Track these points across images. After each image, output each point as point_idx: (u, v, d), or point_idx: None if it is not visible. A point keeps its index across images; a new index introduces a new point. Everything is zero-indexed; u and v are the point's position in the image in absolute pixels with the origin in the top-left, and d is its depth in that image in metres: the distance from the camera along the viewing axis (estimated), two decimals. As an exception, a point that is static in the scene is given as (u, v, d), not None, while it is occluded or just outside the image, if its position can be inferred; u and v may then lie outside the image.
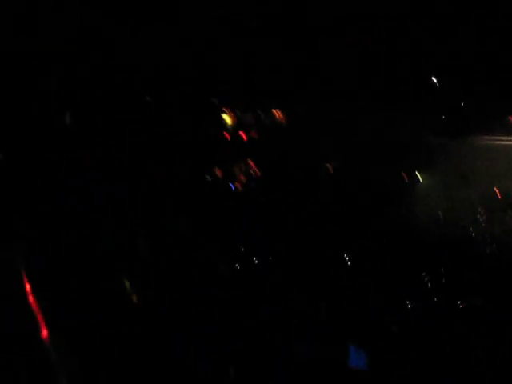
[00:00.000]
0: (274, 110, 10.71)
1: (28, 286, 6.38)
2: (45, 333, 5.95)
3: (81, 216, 7.81)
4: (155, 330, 6.88)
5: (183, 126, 9.68)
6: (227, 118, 10.60)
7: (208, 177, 9.63)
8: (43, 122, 8.19)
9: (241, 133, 10.55)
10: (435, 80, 10.25)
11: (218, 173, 9.92)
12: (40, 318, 6.15)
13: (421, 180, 10.73)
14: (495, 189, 9.92)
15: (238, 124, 10.75)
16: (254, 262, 8.49)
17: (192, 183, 9.22)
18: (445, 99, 10.59)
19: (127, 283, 7.15)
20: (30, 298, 6.32)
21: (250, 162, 10.16)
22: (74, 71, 8.30)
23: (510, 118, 10.33)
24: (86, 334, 6.75)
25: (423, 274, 8.29)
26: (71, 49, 8.04)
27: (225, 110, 10.43)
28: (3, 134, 7.99)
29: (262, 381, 6.56)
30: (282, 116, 10.72)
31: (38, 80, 8.00)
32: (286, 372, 6.58)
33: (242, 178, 10.10)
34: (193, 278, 7.67)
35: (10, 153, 8.06)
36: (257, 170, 10.04)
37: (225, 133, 10.31)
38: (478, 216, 9.74)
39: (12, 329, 6.00)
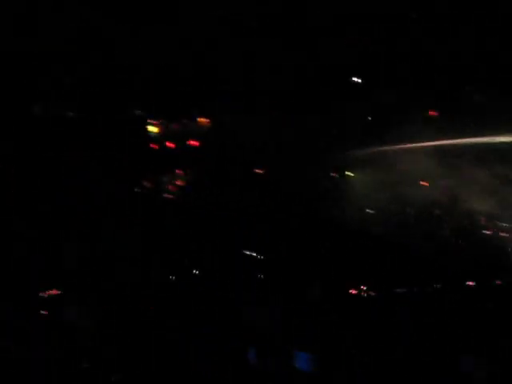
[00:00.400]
0: (199, 119, 10.67)
1: None
2: None
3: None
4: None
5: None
6: (153, 129, 10.47)
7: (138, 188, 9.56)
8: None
9: (168, 143, 10.46)
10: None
11: (147, 184, 9.82)
12: None
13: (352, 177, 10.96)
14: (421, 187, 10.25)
15: (165, 134, 10.65)
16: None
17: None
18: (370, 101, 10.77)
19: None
20: None
21: (179, 172, 10.13)
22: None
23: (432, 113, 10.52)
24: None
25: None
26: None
27: (150, 120, 10.33)
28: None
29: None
30: (206, 123, 10.68)
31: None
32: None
33: (171, 187, 10.03)
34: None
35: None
36: (185, 180, 9.98)
37: (152, 143, 10.20)
38: (407, 214, 9.99)
39: None
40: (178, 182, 10.03)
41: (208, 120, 10.83)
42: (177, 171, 10.01)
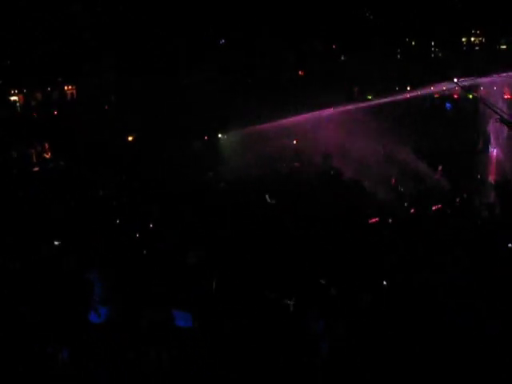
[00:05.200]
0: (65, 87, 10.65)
1: None
2: None
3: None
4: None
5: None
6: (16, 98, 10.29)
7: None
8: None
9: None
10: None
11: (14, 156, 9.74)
12: None
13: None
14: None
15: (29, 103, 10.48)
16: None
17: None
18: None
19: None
20: None
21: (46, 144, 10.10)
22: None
23: None
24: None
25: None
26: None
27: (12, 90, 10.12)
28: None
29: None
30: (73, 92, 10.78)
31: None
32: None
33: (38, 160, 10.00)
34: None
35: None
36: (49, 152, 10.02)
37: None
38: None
39: None
40: (46, 155, 9.60)
41: (73, 87, 10.37)
42: (44, 143, 9.53)
